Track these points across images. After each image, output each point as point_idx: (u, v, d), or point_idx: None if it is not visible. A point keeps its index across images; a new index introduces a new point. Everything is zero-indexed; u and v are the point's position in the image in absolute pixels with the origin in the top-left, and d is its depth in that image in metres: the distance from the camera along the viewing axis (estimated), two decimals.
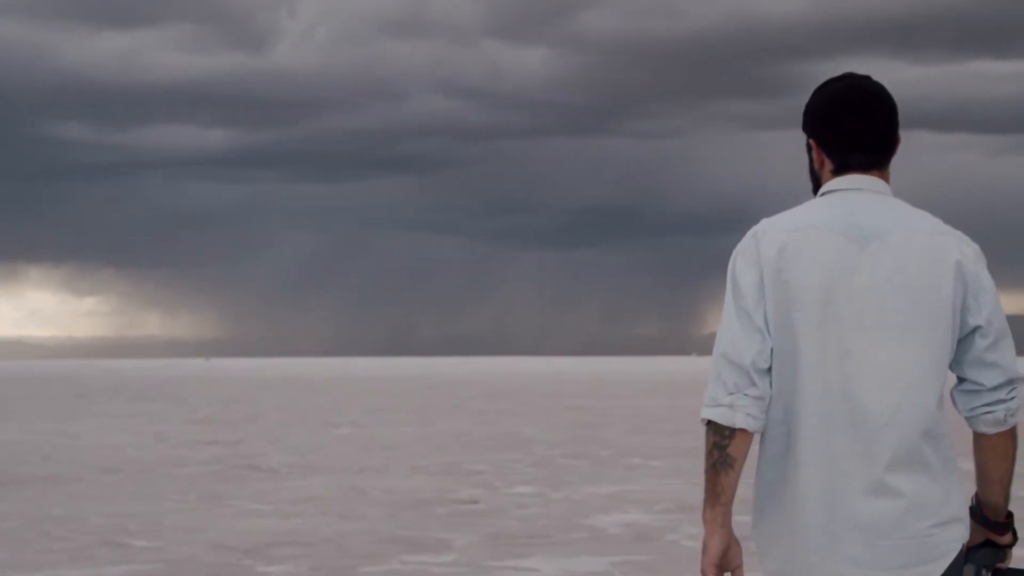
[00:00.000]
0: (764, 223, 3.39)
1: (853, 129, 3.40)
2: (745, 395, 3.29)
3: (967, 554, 3.40)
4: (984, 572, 3.43)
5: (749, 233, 3.40)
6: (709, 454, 3.32)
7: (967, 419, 3.37)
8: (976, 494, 3.45)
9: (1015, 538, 3.51)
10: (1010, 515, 3.47)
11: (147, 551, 11.32)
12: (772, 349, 3.30)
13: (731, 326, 3.33)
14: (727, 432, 3.29)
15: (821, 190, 3.46)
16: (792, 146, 3.79)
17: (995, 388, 3.30)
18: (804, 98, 3.54)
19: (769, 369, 3.31)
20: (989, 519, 3.43)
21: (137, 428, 28.33)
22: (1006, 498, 3.44)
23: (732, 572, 3.34)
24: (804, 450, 3.28)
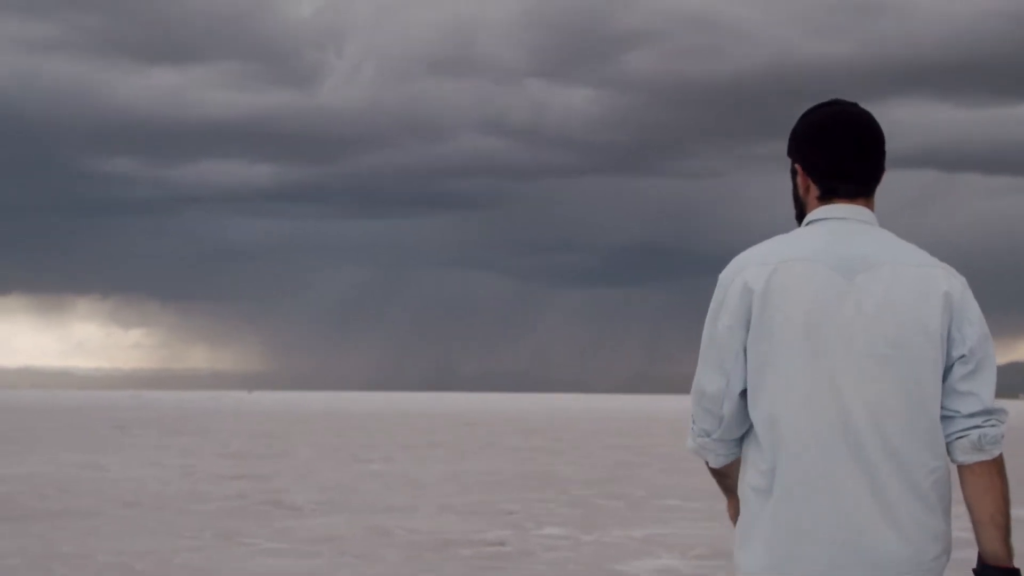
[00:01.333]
0: (747, 254, 3.35)
1: (841, 155, 3.36)
2: (712, 439, 3.37)
3: None
4: None
5: (732, 264, 3.35)
6: (706, 466, 3.53)
7: (947, 448, 3.29)
8: (979, 550, 3.30)
9: None
10: (1016, 570, 3.27)
11: None
12: (753, 384, 3.27)
13: (703, 369, 3.34)
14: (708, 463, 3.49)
15: (807, 219, 3.41)
16: None
17: (970, 415, 3.25)
18: None
19: (737, 409, 3.30)
20: (989, 565, 3.27)
21: (166, 461, 27.79)
22: (1004, 542, 3.27)
23: None
24: (800, 488, 3.22)
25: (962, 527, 3.61)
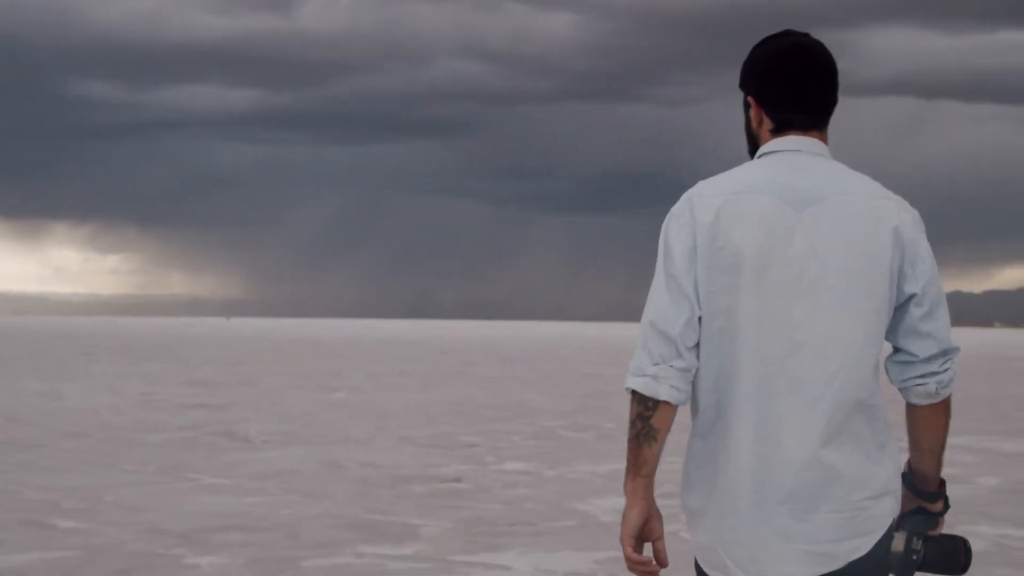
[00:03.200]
0: (699, 186, 3.30)
1: (794, 87, 3.32)
2: (670, 367, 3.23)
3: (898, 522, 3.35)
4: (915, 540, 3.34)
5: (684, 197, 3.31)
6: (632, 424, 3.26)
7: (900, 390, 3.32)
8: (908, 462, 3.40)
9: (947, 506, 3.46)
10: (942, 483, 3.43)
11: (71, 534, 9.94)
12: (703, 318, 3.24)
13: (660, 294, 3.27)
14: (651, 403, 3.24)
15: (759, 151, 3.38)
16: None
17: (928, 359, 3.25)
18: None
19: (697, 341, 3.25)
20: (920, 488, 3.39)
21: (126, 389, 26.99)
22: (938, 467, 3.39)
23: (653, 543, 3.27)
24: (736, 421, 3.21)
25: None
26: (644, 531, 3.26)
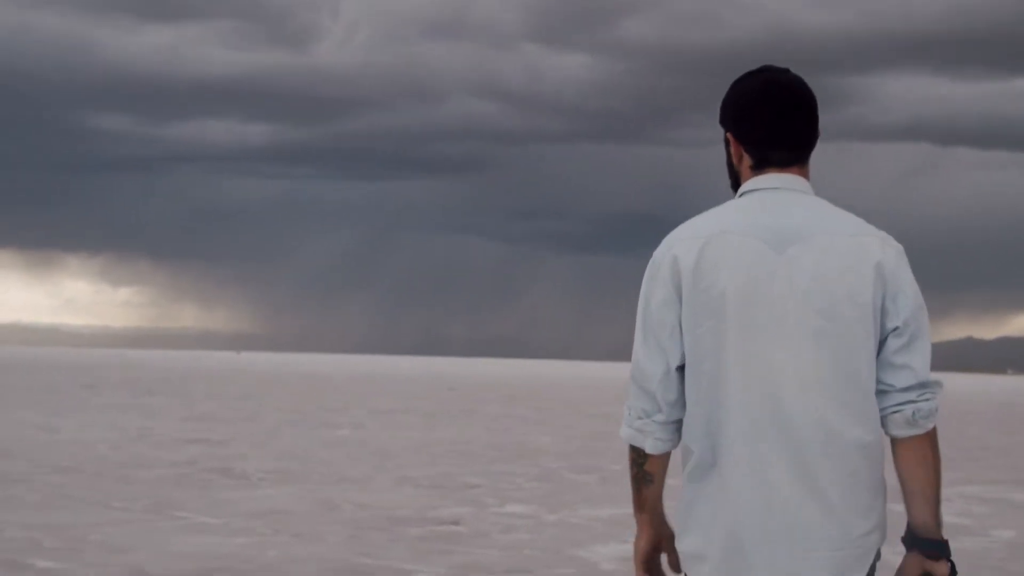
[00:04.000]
0: (680, 230, 3.29)
1: (772, 124, 3.29)
2: (652, 421, 3.28)
3: None
4: None
5: (665, 241, 3.29)
6: (631, 467, 3.36)
7: (881, 421, 3.24)
8: (907, 523, 3.27)
9: (954, 571, 3.26)
10: (945, 542, 3.27)
11: (48, 575, 9.55)
12: (691, 362, 3.22)
13: (638, 347, 3.29)
14: (642, 452, 3.32)
15: (740, 190, 3.35)
16: (823, 157, 3.55)
17: (905, 389, 3.20)
18: (843, 111, 2.28)
19: (678, 388, 3.26)
20: (919, 536, 3.25)
21: (124, 423, 26.60)
22: (935, 515, 3.26)
23: (667, 557, 3.36)
24: (732, 464, 3.18)
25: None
26: (653, 559, 3.43)
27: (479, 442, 23.92)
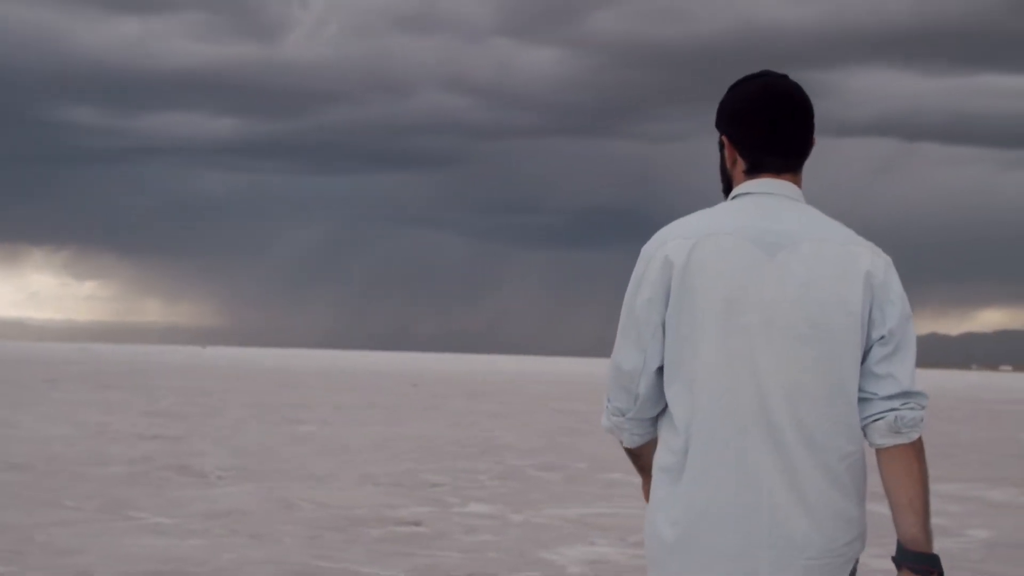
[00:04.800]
0: (671, 228, 3.27)
1: (768, 129, 3.28)
2: (628, 419, 3.30)
3: None
4: None
5: (655, 238, 3.28)
6: (621, 445, 3.42)
7: (864, 431, 3.21)
8: (897, 536, 3.19)
9: None
10: (935, 556, 3.17)
11: None
12: (674, 362, 3.19)
13: (619, 342, 3.28)
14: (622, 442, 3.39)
15: (732, 193, 3.34)
16: None
17: (888, 398, 3.16)
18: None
19: (653, 387, 3.24)
20: (908, 550, 3.15)
21: (83, 418, 26.11)
22: (923, 527, 3.17)
23: None
24: (714, 468, 3.13)
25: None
26: None
27: (442, 438, 23.55)
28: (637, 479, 17.04)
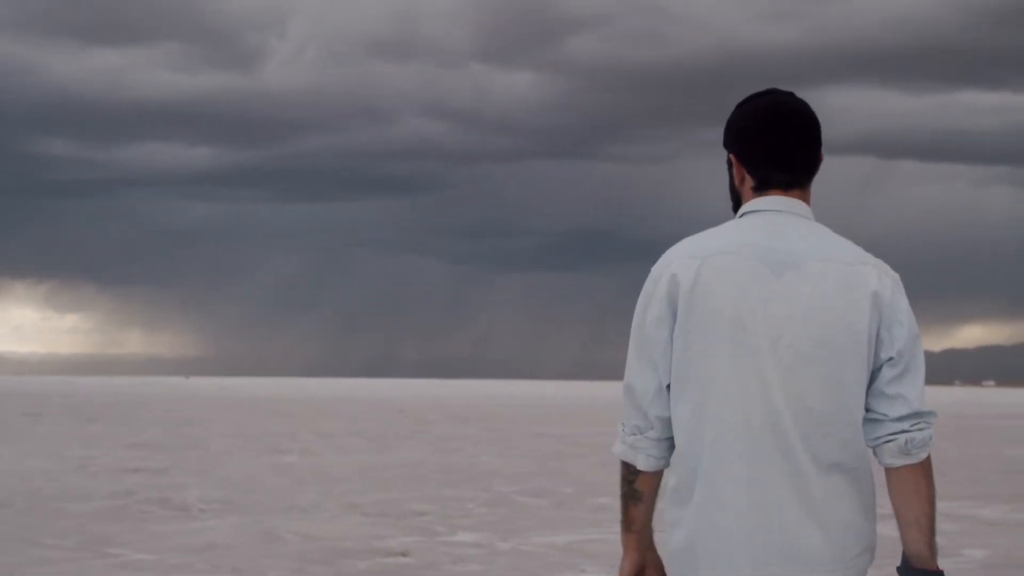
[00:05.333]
0: (679, 247, 3.29)
1: (775, 146, 3.29)
2: (645, 438, 3.29)
3: None
4: None
5: (663, 258, 3.29)
6: (621, 485, 3.38)
7: (873, 451, 3.26)
8: (903, 551, 3.25)
9: None
10: (940, 572, 3.23)
11: None
12: (681, 382, 3.20)
13: (632, 363, 3.28)
14: (633, 469, 3.33)
15: (740, 211, 3.35)
16: None
17: (899, 419, 3.19)
18: None
19: (670, 409, 3.24)
20: (914, 567, 3.22)
21: (66, 452, 25.81)
22: (929, 544, 3.21)
23: None
24: (724, 488, 3.15)
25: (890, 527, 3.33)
26: None
27: (428, 465, 23.32)
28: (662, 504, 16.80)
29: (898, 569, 3.28)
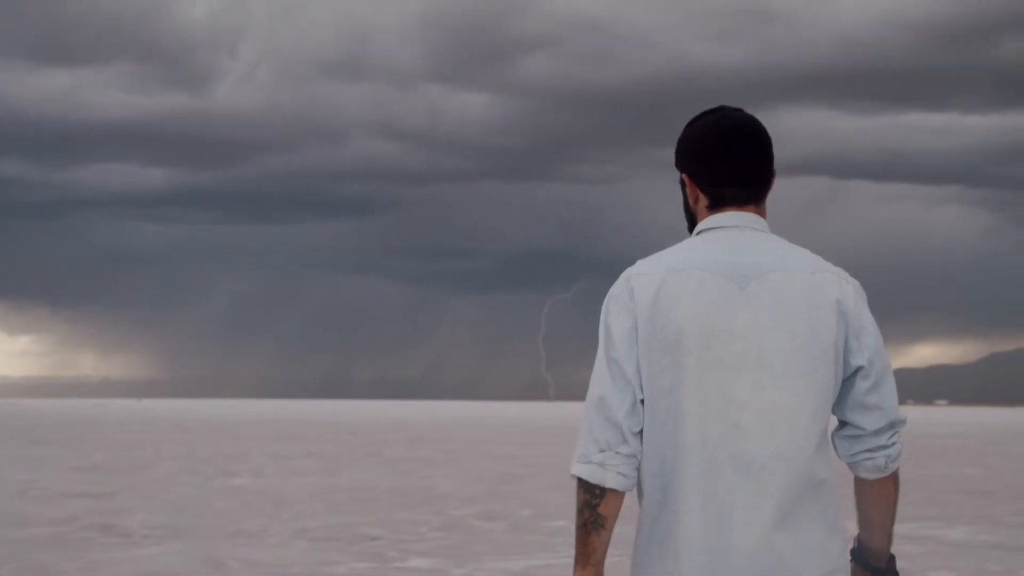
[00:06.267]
0: (639, 265, 3.25)
1: (727, 163, 3.26)
2: (616, 453, 3.17)
3: None
4: None
5: (623, 276, 3.25)
6: (580, 512, 3.21)
7: (848, 464, 3.27)
8: (858, 537, 3.34)
9: None
10: (892, 558, 3.35)
11: None
12: (647, 400, 3.15)
13: (603, 378, 3.19)
14: (598, 491, 3.18)
15: (697, 228, 3.32)
16: None
17: (876, 433, 3.19)
18: None
19: (642, 426, 3.17)
20: (871, 564, 3.32)
21: (8, 476, 25.19)
22: (888, 541, 3.32)
23: None
24: (684, 506, 3.10)
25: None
26: None
27: (380, 488, 22.84)
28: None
29: (852, 551, 3.31)
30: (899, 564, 3.40)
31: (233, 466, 29.25)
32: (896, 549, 3.86)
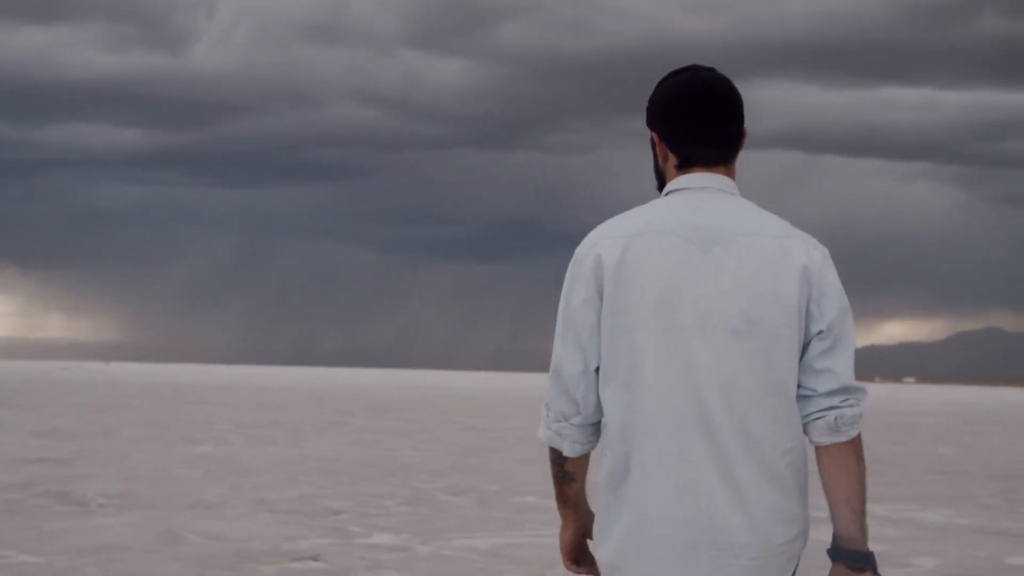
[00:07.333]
0: (603, 227, 3.24)
1: (697, 122, 3.24)
2: (571, 424, 3.23)
3: None
4: None
5: (587, 239, 3.24)
6: (551, 466, 3.33)
7: (803, 428, 3.18)
8: (833, 532, 3.22)
9: None
10: (870, 553, 3.19)
11: None
12: (609, 363, 3.15)
13: (558, 346, 3.23)
14: (560, 453, 3.28)
15: (665, 189, 3.31)
16: None
17: (827, 394, 3.16)
18: None
19: (597, 390, 3.19)
20: (844, 548, 3.17)
21: None
22: (860, 526, 3.17)
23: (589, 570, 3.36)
24: (652, 470, 3.11)
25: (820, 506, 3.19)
26: (580, 548, 3.39)
27: (346, 459, 22.36)
28: (552, 501, 15.97)
29: (828, 551, 3.22)
30: (880, 548, 3.09)
31: (197, 433, 28.74)
32: (873, 532, 3.75)
